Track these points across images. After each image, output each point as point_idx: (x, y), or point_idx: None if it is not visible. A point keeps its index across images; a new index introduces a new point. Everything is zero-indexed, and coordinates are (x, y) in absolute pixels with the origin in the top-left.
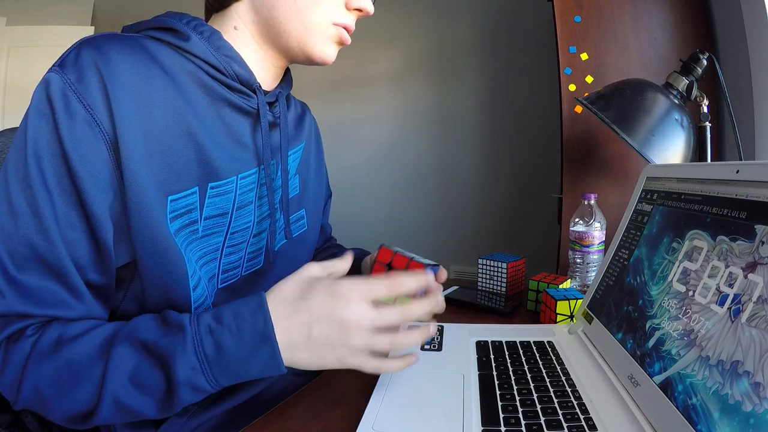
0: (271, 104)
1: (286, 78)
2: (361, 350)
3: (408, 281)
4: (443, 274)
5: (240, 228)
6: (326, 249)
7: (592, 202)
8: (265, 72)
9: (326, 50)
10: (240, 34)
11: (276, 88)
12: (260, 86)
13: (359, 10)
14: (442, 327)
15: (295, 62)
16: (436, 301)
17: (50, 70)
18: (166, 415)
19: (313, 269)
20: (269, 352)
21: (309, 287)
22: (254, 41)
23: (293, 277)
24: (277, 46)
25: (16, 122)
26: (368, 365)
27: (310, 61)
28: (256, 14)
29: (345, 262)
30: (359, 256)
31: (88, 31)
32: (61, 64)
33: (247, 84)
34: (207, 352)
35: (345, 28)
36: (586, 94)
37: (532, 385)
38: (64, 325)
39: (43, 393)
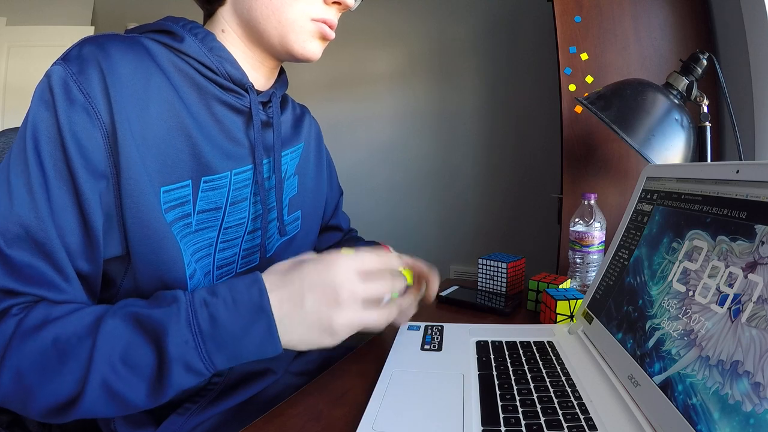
0: (265, 104)
1: (281, 79)
2: (350, 323)
3: (395, 259)
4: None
5: (233, 224)
6: (336, 243)
7: (592, 202)
8: (256, 72)
9: (307, 46)
10: (228, 36)
11: (270, 88)
12: (252, 86)
13: (338, 3)
14: (442, 327)
15: (283, 60)
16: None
17: (53, 64)
18: (156, 403)
19: (306, 254)
20: (265, 325)
21: (300, 262)
22: (241, 43)
23: (288, 259)
24: (261, 46)
25: (16, 122)
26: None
27: (294, 58)
28: (238, 16)
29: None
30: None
31: (88, 31)
32: (64, 58)
33: (240, 83)
34: (201, 325)
35: (326, 23)
36: (586, 94)
37: (532, 385)
38: (51, 305)
39: (25, 378)
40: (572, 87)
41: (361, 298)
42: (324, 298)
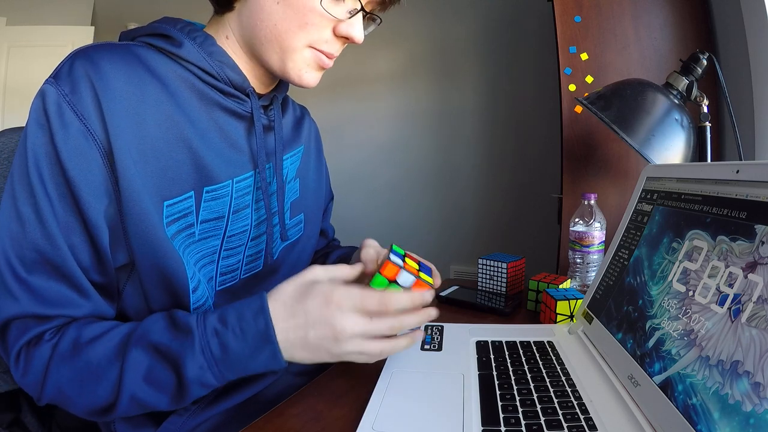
0: (266, 107)
1: (282, 81)
2: (353, 353)
3: (401, 299)
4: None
5: (237, 231)
6: (321, 249)
7: (592, 202)
8: (256, 79)
9: (304, 76)
10: (231, 43)
11: (271, 91)
12: (254, 90)
13: (346, 38)
14: (442, 327)
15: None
16: (428, 315)
17: (46, 82)
18: (179, 407)
19: (315, 272)
20: (270, 352)
21: (307, 290)
22: (243, 53)
23: (294, 279)
24: (259, 63)
25: (15, 122)
26: (361, 360)
27: (291, 83)
28: (243, 30)
29: (351, 269)
30: (348, 254)
31: (88, 31)
32: (55, 76)
33: (241, 88)
34: (214, 353)
35: (323, 53)
36: (586, 94)
37: (532, 385)
38: (79, 328)
39: (65, 392)
40: (572, 87)
41: (360, 334)
42: (325, 334)
